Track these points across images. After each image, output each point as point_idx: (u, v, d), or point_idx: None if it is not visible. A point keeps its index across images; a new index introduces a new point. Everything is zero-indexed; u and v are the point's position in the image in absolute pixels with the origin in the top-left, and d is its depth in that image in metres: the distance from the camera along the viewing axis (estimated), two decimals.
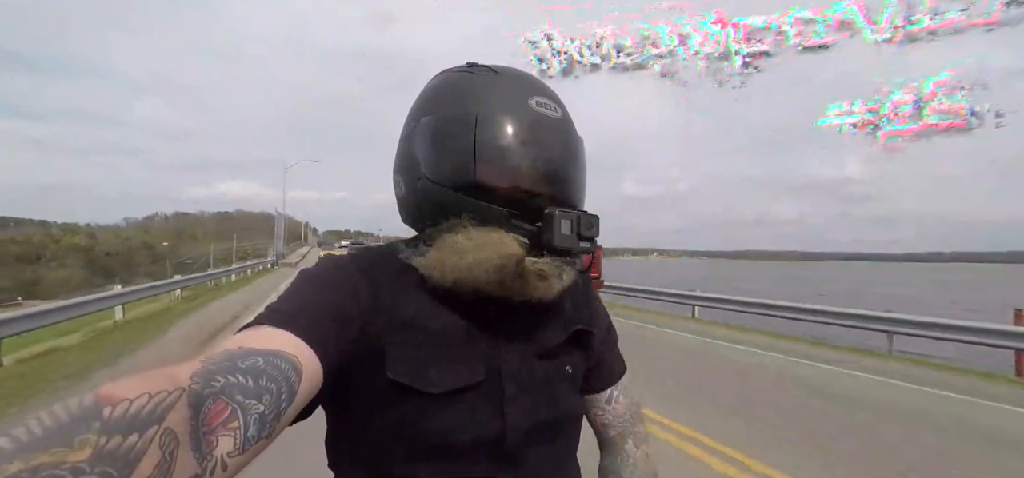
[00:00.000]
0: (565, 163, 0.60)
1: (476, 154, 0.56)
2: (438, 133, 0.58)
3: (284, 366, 0.42)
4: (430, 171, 0.58)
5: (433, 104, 0.61)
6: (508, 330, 0.61)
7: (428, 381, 0.55)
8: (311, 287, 0.55)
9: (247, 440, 0.37)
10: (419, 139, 0.60)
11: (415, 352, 0.56)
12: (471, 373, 0.57)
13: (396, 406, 0.55)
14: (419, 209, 0.62)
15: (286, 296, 0.53)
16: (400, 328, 0.56)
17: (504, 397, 0.59)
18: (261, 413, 0.38)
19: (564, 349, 0.66)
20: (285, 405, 0.41)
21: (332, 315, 0.52)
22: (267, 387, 0.39)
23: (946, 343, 7.36)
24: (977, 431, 4.11)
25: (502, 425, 0.58)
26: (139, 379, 0.32)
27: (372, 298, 0.56)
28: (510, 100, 0.59)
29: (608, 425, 0.75)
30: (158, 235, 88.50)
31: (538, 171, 0.57)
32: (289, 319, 0.48)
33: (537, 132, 0.58)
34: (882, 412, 4.49)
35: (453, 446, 0.56)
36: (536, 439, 0.61)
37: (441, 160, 0.58)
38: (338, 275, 0.57)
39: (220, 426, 0.35)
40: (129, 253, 67.14)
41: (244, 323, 0.49)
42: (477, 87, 0.60)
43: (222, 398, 0.36)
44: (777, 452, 3.42)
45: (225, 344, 0.43)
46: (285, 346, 0.44)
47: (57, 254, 66.23)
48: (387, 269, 0.60)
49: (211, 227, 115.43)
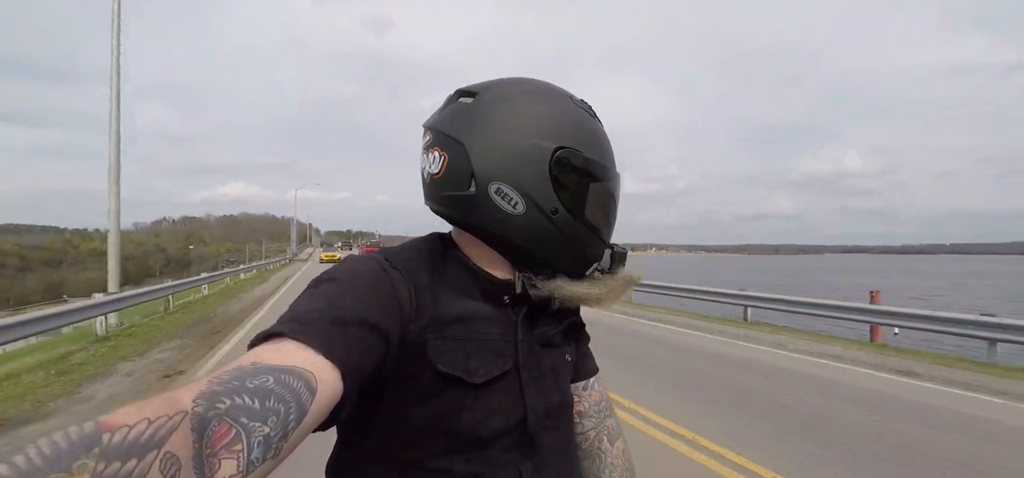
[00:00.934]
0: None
1: (605, 204, 0.68)
2: (572, 170, 0.64)
3: (296, 384, 0.41)
4: (570, 205, 0.64)
5: (554, 132, 0.64)
6: (521, 321, 0.65)
7: (470, 371, 0.59)
8: (341, 292, 0.54)
9: (250, 463, 0.36)
10: (568, 172, 0.63)
11: (457, 345, 0.59)
12: (502, 363, 0.62)
13: (437, 397, 0.57)
14: (541, 235, 0.64)
15: (310, 301, 0.52)
16: (441, 326, 0.59)
17: (522, 383, 0.63)
18: (266, 435, 0.37)
19: (562, 339, 0.72)
20: (293, 425, 0.40)
21: (361, 323, 0.51)
22: (274, 408, 0.39)
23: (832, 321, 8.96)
24: (810, 378, 5.38)
25: (523, 410, 0.62)
26: (139, 406, 0.32)
27: (414, 300, 0.58)
28: (611, 155, 0.69)
29: (584, 414, 0.78)
30: (168, 239, 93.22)
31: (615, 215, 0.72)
32: (310, 331, 0.47)
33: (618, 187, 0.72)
34: (753, 371, 5.67)
35: (484, 435, 0.59)
36: (548, 423, 0.66)
37: (585, 201, 0.65)
38: (374, 281, 0.57)
39: (223, 449, 0.35)
40: (144, 256, 71.75)
41: (263, 331, 0.48)
42: (594, 134, 0.67)
43: (226, 420, 0.36)
44: (661, 397, 4.58)
45: (239, 359, 0.43)
46: (301, 362, 0.43)
47: (78, 258, 71.20)
48: (424, 265, 0.62)
49: (218, 231, 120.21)
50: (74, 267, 67.10)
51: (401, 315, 0.56)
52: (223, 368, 0.41)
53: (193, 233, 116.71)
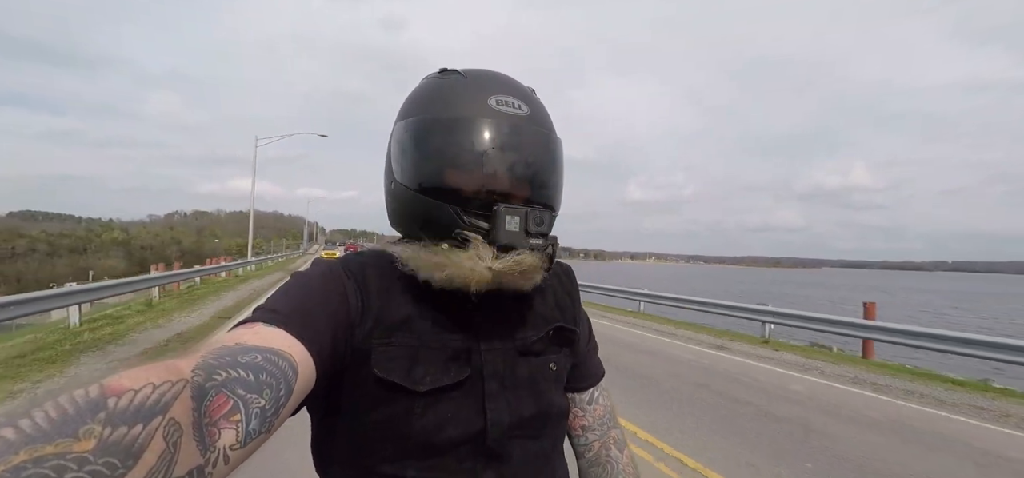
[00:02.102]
0: (526, 161, 0.60)
1: (427, 155, 0.59)
2: (402, 138, 0.62)
3: (282, 363, 0.43)
4: (399, 175, 0.62)
5: (403, 110, 0.64)
6: (490, 329, 0.62)
7: (415, 379, 0.57)
8: (304, 289, 0.56)
9: (248, 433, 0.37)
10: (393, 144, 0.64)
11: (403, 351, 0.57)
12: (457, 371, 0.59)
13: (384, 405, 0.57)
14: (395, 211, 0.65)
15: (279, 296, 0.54)
16: (389, 328, 0.58)
17: (485, 394, 0.60)
18: (262, 407, 0.39)
19: (546, 347, 0.67)
20: (284, 401, 0.42)
21: (324, 317, 0.53)
22: (267, 382, 0.40)
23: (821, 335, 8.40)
24: (776, 388, 5.25)
25: (483, 422, 0.60)
26: (143, 370, 0.32)
27: (361, 301, 0.57)
28: (468, 101, 0.60)
29: (588, 427, 0.75)
30: (181, 233, 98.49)
31: (491, 170, 0.58)
32: (284, 319, 0.49)
33: (493, 131, 0.58)
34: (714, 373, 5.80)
35: (438, 443, 0.58)
36: (519, 434, 0.62)
37: (403, 164, 0.61)
38: (328, 279, 0.58)
39: (222, 418, 0.36)
40: (161, 247, 76.83)
41: (238, 320, 0.50)
42: (439, 91, 0.62)
43: (224, 391, 0.37)
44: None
45: (222, 340, 0.43)
46: (281, 345, 0.45)
47: (101, 247, 76.64)
48: (375, 271, 0.61)
49: (229, 225, 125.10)
50: (98, 254, 72.43)
51: (348, 318, 0.56)
52: (211, 345, 0.42)
53: (205, 227, 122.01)
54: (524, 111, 0.61)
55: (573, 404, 0.75)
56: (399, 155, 0.62)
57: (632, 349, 7.30)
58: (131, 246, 77.68)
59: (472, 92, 0.61)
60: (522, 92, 0.64)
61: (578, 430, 0.76)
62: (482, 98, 0.60)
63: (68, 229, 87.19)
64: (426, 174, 0.59)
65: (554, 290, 0.71)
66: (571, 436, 0.77)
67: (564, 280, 0.74)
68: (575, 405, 0.75)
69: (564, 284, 0.73)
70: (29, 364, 5.26)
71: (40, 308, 6.72)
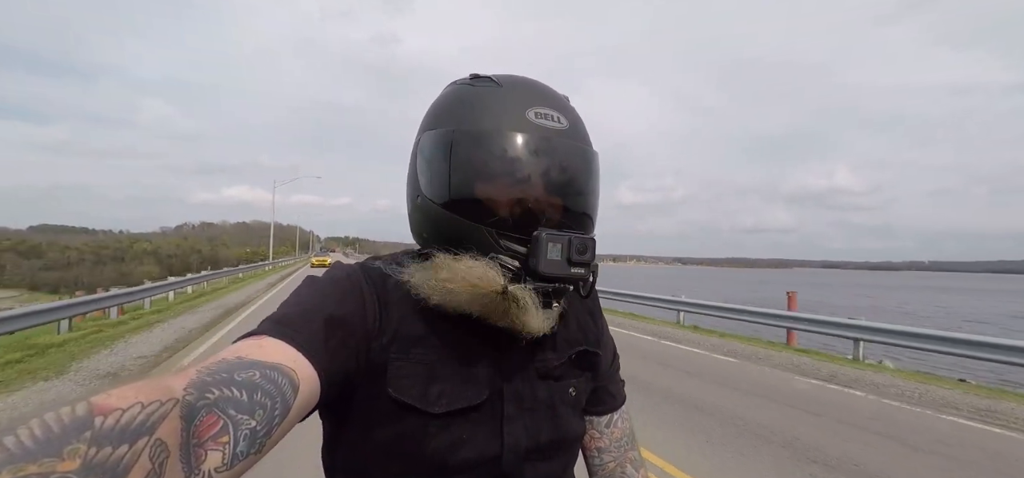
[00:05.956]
0: (566, 178, 0.58)
1: (460, 170, 0.56)
2: (430, 149, 0.59)
3: (281, 380, 0.42)
4: (426, 188, 0.59)
5: (431, 119, 0.62)
6: (511, 350, 0.60)
7: (430, 400, 0.55)
8: (318, 299, 0.54)
9: (235, 456, 0.36)
10: (419, 155, 0.61)
11: (418, 370, 0.56)
12: (474, 394, 0.58)
13: (396, 423, 0.55)
14: (421, 226, 0.62)
15: (291, 304, 0.53)
16: (405, 345, 0.56)
17: (504, 418, 0.59)
18: (252, 428, 0.38)
19: (567, 370, 0.66)
20: (278, 421, 0.41)
21: (337, 328, 0.51)
22: (261, 402, 0.39)
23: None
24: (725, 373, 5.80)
25: (499, 446, 0.58)
26: (132, 388, 0.32)
27: (379, 314, 0.56)
28: (504, 112, 0.57)
29: (604, 450, 0.73)
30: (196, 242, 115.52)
31: (531, 189, 0.56)
32: (292, 331, 0.48)
33: (532, 146, 0.56)
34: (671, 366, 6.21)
35: (451, 465, 0.56)
36: (534, 458, 0.61)
37: (431, 177, 0.58)
38: (347, 287, 0.56)
39: (210, 440, 0.35)
40: (185, 255, 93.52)
41: (246, 332, 0.49)
42: (472, 99, 0.59)
43: (215, 411, 0.36)
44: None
45: (223, 353, 0.43)
46: (284, 359, 0.44)
47: (136, 256, 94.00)
48: (396, 280, 0.59)
49: (235, 235, 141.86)
50: (133, 262, 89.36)
51: (365, 330, 0.54)
52: (210, 359, 0.41)
53: (214, 237, 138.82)
54: (564, 125, 0.60)
55: (590, 425, 0.73)
56: (426, 168, 0.60)
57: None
58: (160, 254, 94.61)
59: (508, 103, 0.59)
60: (560, 103, 0.62)
61: (594, 451, 0.74)
62: (519, 110, 0.58)
63: (107, 241, 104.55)
64: (458, 190, 0.57)
65: (576, 310, 0.70)
66: (586, 456, 0.75)
67: (586, 302, 0.71)
68: (592, 427, 0.73)
69: (585, 302, 0.70)
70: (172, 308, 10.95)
71: (146, 296, 11.30)
